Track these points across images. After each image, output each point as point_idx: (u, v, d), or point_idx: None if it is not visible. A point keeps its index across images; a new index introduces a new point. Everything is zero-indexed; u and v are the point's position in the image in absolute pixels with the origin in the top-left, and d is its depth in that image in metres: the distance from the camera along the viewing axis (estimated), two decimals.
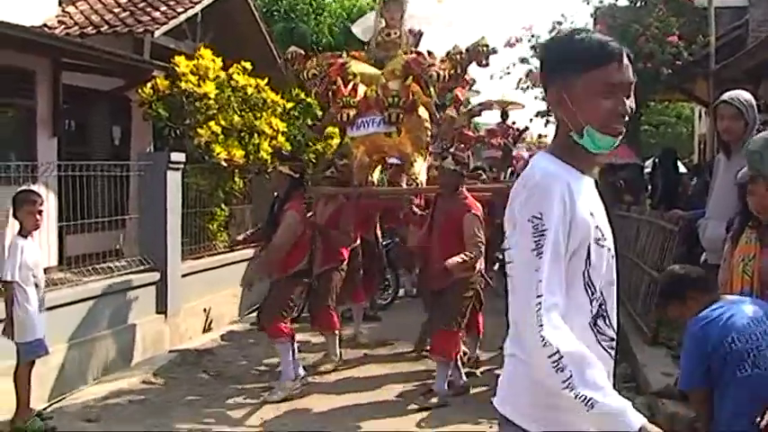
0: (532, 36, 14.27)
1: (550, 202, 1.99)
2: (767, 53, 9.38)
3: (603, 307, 2.13)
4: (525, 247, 1.99)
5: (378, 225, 9.47)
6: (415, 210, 7.72)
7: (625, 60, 2.09)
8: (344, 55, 8.04)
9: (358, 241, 8.53)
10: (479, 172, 9.45)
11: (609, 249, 2.14)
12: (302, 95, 13.96)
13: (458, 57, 7.79)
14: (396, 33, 8.05)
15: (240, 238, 8.47)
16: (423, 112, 7.76)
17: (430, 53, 7.95)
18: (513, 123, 13.75)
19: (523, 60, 14.83)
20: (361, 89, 7.63)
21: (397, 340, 8.97)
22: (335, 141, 14.62)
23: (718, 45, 11.85)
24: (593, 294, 2.09)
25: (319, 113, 14.54)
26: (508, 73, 15.75)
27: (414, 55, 7.77)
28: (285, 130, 12.20)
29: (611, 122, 2.08)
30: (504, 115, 13.57)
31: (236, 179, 11.25)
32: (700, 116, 18.69)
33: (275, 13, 18.82)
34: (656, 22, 12.21)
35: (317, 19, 19.23)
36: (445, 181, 6.95)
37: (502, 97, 13.42)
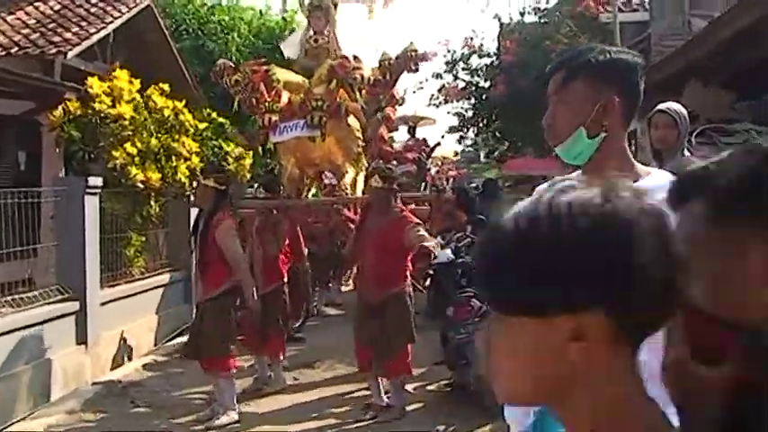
0: (448, 51, 14.42)
1: None
2: (673, 67, 9.75)
3: None
4: None
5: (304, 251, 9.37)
6: (349, 224, 7.66)
7: None
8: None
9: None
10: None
11: None
12: (213, 115, 13.83)
13: (387, 63, 7.84)
14: (324, 39, 8.13)
15: None
16: (353, 121, 7.76)
17: (356, 57, 7.94)
18: (424, 139, 13.90)
19: (437, 75, 14.94)
20: (286, 95, 7.62)
21: (319, 361, 8.85)
22: (248, 162, 14.57)
23: None
24: None
25: (234, 131, 14.55)
26: (421, 88, 15.84)
27: (339, 59, 7.77)
28: (198, 150, 11.98)
29: None
30: (412, 130, 13.73)
31: (153, 203, 10.96)
32: None
33: (184, 32, 18.53)
34: (564, 38, 12.54)
35: (225, 38, 19.02)
36: (375, 199, 6.86)
37: (414, 113, 13.54)
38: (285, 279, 7.86)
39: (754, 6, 7.53)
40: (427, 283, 9.15)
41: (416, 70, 8.00)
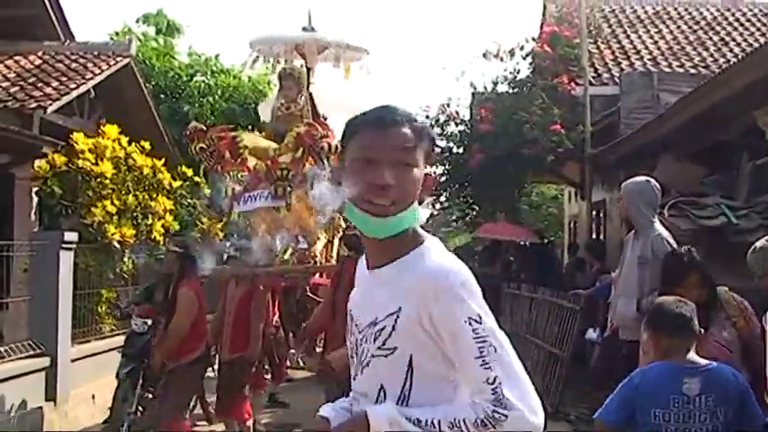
0: (427, 117, 14.62)
1: None
2: (641, 140, 10.06)
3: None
4: None
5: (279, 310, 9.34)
6: (312, 295, 7.54)
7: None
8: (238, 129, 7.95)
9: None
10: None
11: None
12: (189, 173, 13.92)
13: None
14: (295, 107, 7.98)
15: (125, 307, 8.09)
16: None
17: (324, 125, 7.85)
18: None
19: None
20: (252, 162, 7.41)
21: (299, 425, 8.77)
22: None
23: (593, 131, 12.61)
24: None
25: (208, 192, 14.63)
26: None
27: (306, 127, 7.56)
28: (172, 208, 12.03)
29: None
30: None
31: (125, 259, 10.94)
32: (569, 198, 19.51)
33: (162, 95, 18.73)
34: (538, 110, 12.82)
35: (201, 101, 19.24)
36: (347, 268, 6.47)
37: None
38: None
39: (723, 85, 7.85)
40: None
41: None
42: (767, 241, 3.89)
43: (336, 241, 7.96)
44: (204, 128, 7.66)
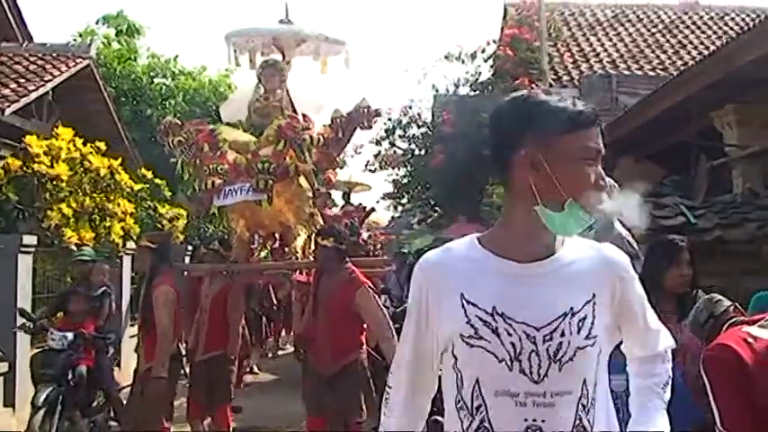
0: (389, 119, 14.63)
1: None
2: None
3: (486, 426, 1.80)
4: None
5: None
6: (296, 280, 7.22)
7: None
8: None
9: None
10: None
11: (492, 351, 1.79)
12: (149, 175, 13.78)
13: (339, 120, 7.50)
14: (275, 98, 7.74)
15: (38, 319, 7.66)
16: (303, 181, 7.41)
17: (305, 116, 7.68)
18: (360, 204, 13.98)
19: (377, 142, 15.08)
20: (231, 156, 7.17)
21: (261, 428, 8.70)
22: (181, 223, 14.50)
23: None
24: (464, 410, 1.82)
25: (168, 194, 14.49)
26: (359, 153, 15.88)
27: (287, 119, 7.36)
28: (133, 211, 11.89)
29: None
30: (347, 197, 13.82)
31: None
32: None
33: (123, 98, 18.57)
34: None
35: (163, 104, 19.09)
36: (323, 258, 6.30)
37: (349, 178, 13.58)
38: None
39: (681, 87, 7.97)
40: None
41: (370, 127, 7.59)
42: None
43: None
44: (180, 122, 7.48)
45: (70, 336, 7.32)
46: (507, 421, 1.76)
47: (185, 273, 7.88)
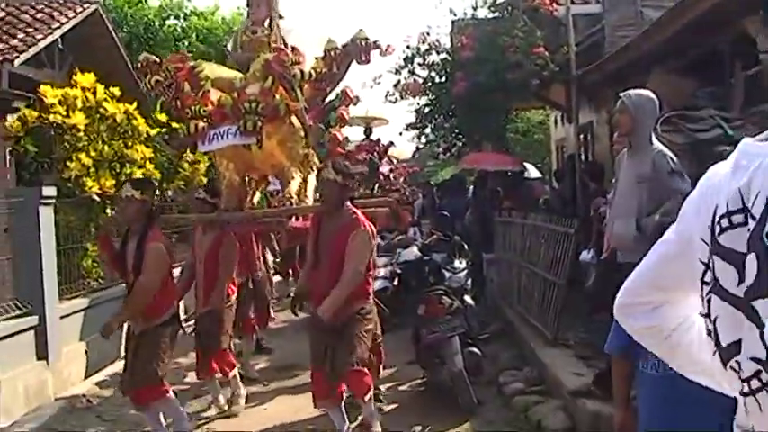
0: (408, 47, 14.24)
1: None
2: (627, 57, 9.80)
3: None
4: None
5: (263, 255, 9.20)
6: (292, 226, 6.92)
7: None
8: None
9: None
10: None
11: None
12: (166, 119, 13.54)
13: (333, 53, 6.98)
14: (262, 31, 7.16)
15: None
16: (295, 120, 6.91)
17: (294, 49, 7.15)
18: (378, 140, 13.75)
19: (396, 71, 14.69)
20: (215, 95, 6.57)
21: (295, 367, 8.66)
22: (203, 165, 14.30)
23: (577, 51, 12.28)
24: None
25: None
26: (378, 83, 15.46)
27: (275, 53, 6.77)
28: (153, 156, 11.71)
29: None
30: (368, 131, 13.58)
31: (108, 211, 10.68)
32: (555, 122, 19.25)
33: (134, 42, 18.30)
34: (520, 33, 12.50)
35: (176, 45, 18.79)
36: (326, 194, 6.02)
37: (366, 113, 13.27)
38: (228, 299, 7.38)
39: None
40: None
41: (367, 61, 6.92)
42: None
43: (312, 179, 7.24)
44: (158, 59, 6.80)
45: None
46: None
47: None
